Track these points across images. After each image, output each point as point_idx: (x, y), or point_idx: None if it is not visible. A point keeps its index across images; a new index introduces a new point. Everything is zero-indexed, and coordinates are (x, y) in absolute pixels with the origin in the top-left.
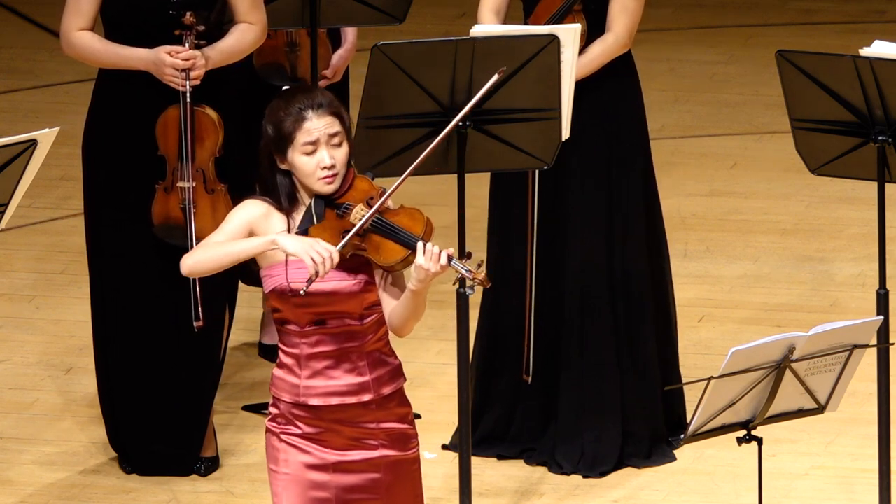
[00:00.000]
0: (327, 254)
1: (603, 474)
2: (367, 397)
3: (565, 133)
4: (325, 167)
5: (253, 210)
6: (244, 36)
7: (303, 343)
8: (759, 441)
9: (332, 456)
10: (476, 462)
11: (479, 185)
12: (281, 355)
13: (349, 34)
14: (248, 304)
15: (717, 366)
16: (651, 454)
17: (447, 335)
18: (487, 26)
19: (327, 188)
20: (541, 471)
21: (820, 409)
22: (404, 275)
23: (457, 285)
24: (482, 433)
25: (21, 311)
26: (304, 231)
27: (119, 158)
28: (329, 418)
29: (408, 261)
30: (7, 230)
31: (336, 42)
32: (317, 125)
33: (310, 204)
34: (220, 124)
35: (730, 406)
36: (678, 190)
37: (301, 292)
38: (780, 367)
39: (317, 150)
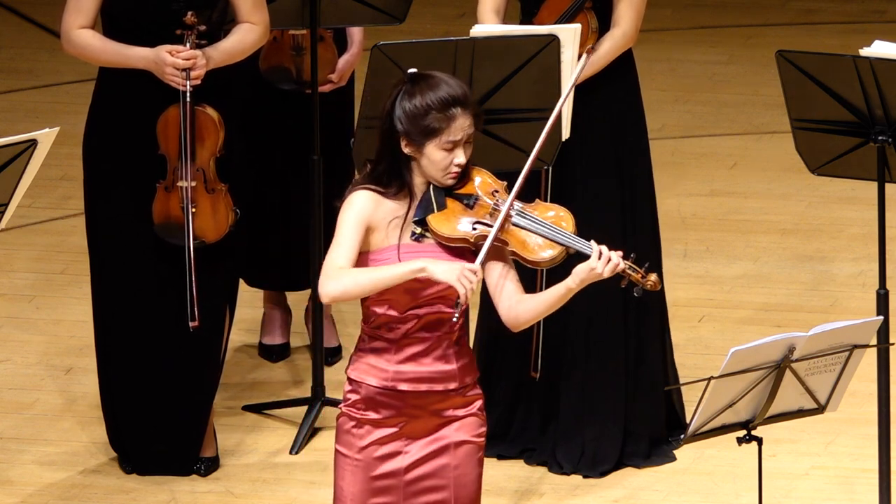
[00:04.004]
0: (475, 277)
1: (603, 474)
2: (452, 385)
3: (565, 133)
4: (458, 164)
5: (363, 204)
6: (246, 36)
7: (398, 328)
8: (759, 441)
9: (408, 445)
10: None
11: None
12: (368, 340)
13: (356, 38)
14: (249, 304)
15: (717, 366)
16: (651, 454)
17: None
18: (487, 26)
19: (450, 182)
20: (541, 471)
21: (820, 409)
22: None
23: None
24: None
25: (21, 311)
26: (421, 219)
27: (120, 157)
28: (412, 404)
29: (557, 258)
30: (7, 230)
31: (342, 46)
32: (464, 125)
33: (427, 192)
34: (221, 124)
35: (730, 406)
36: (678, 190)
37: (454, 318)
38: (780, 367)
39: (455, 147)
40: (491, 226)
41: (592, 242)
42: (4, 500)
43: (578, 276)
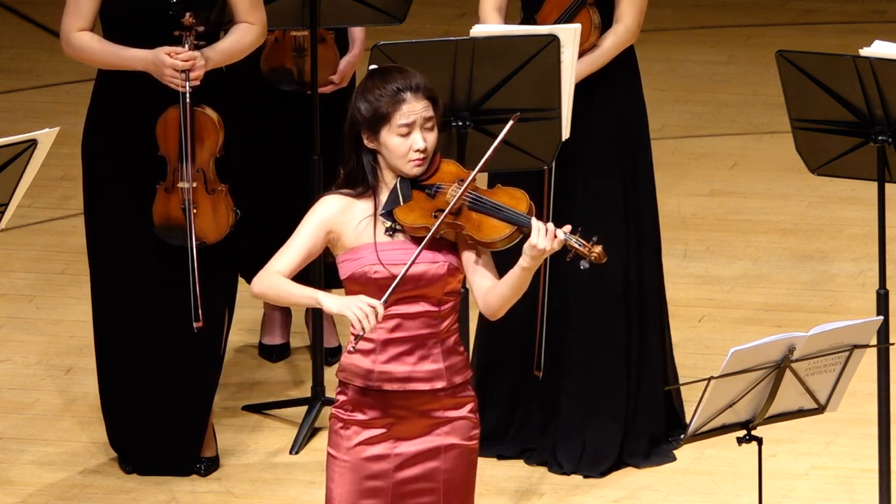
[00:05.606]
0: (370, 309)
1: (603, 474)
2: (439, 385)
3: (565, 133)
4: (417, 150)
5: (330, 207)
6: (244, 36)
7: (380, 328)
8: (759, 441)
9: (397, 446)
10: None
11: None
12: (355, 341)
13: (357, 40)
14: (249, 304)
15: (717, 366)
16: (651, 454)
17: None
18: (487, 26)
19: (416, 171)
20: (541, 471)
21: (820, 409)
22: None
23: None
24: (482, 433)
25: (21, 311)
26: (388, 212)
27: (119, 159)
28: (399, 404)
29: (511, 238)
30: (7, 230)
31: (343, 47)
32: (415, 108)
33: (395, 185)
34: (221, 124)
35: (730, 406)
36: (678, 190)
37: (350, 349)
38: (780, 367)
39: (411, 132)
40: (449, 213)
41: (534, 219)
42: (4, 500)
43: (526, 254)
